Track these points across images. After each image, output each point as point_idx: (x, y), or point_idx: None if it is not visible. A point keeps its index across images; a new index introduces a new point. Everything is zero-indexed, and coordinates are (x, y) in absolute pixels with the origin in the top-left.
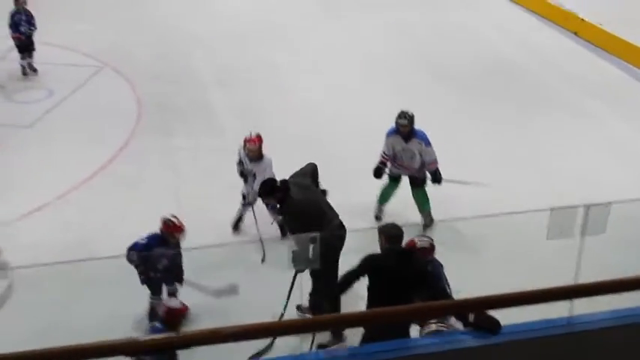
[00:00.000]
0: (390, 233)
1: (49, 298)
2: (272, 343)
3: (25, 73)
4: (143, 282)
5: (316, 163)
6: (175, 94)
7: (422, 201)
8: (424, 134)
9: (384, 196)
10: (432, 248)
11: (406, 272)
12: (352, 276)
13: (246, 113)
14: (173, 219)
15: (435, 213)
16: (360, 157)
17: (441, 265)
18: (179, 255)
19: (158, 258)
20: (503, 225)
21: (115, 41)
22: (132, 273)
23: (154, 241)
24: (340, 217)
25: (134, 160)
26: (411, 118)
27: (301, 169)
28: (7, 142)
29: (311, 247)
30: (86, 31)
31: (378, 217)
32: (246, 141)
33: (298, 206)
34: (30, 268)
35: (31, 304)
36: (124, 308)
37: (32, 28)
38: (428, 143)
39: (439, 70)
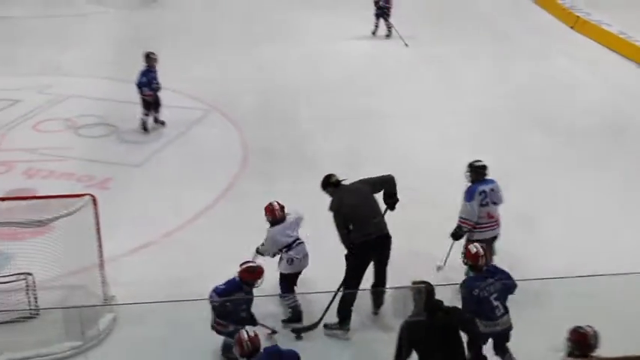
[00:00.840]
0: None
1: (151, 334)
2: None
3: (145, 129)
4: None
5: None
6: (279, 138)
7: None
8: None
9: None
10: None
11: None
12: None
13: (347, 160)
14: (253, 264)
15: None
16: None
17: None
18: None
19: (239, 305)
20: None
21: (222, 86)
22: None
23: (231, 287)
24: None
25: (238, 202)
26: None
27: (374, 178)
28: (117, 180)
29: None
30: (195, 76)
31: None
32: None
33: (335, 204)
34: (134, 304)
35: (133, 338)
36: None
37: (159, 84)
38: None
39: (546, 122)
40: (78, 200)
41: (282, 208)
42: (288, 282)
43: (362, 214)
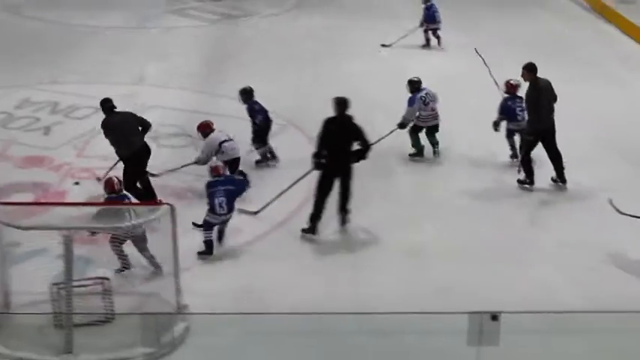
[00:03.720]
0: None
1: (222, 345)
2: None
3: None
4: None
5: None
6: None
7: None
8: None
9: None
10: None
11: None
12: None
13: (421, 178)
14: None
15: None
16: None
17: None
18: None
19: None
20: None
21: (299, 101)
22: (301, 333)
23: None
24: None
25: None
26: None
27: None
28: (193, 190)
29: None
30: (272, 91)
31: None
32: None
33: None
34: (207, 314)
35: (205, 347)
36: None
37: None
38: None
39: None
40: (157, 209)
41: None
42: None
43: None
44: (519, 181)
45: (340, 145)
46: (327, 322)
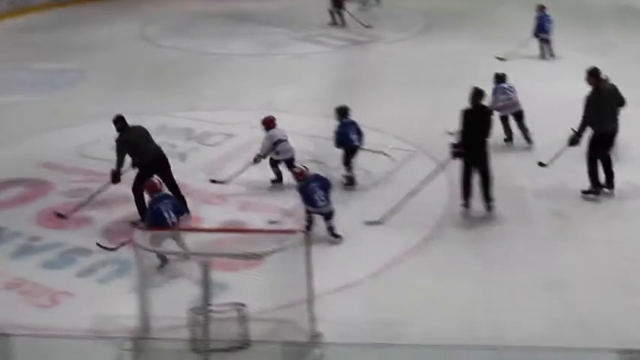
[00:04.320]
0: None
1: None
2: None
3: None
4: None
5: None
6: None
7: None
8: None
9: None
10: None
11: None
12: None
13: (555, 205)
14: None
15: None
16: None
17: None
18: None
19: None
20: None
21: (429, 127)
22: None
23: None
24: None
25: (445, 245)
26: None
27: None
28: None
29: None
30: (399, 116)
31: None
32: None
33: None
34: (340, 345)
35: None
36: None
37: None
38: None
39: None
40: (291, 236)
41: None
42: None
43: None
44: (585, 192)
45: (477, 134)
46: (463, 354)
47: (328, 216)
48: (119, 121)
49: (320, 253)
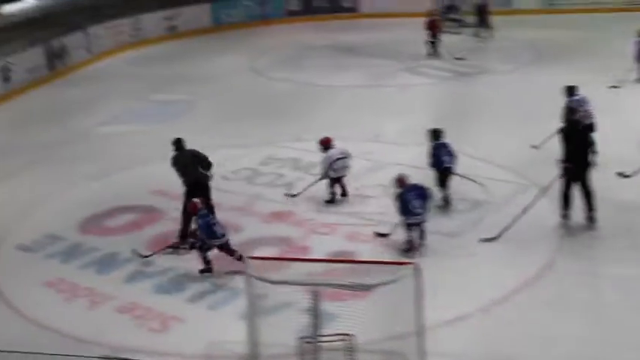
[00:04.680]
0: None
1: None
2: None
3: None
4: None
5: None
6: (601, 219)
7: None
8: None
9: None
10: None
11: None
12: None
13: None
14: None
15: None
16: None
17: None
18: None
19: None
20: None
21: (541, 160)
22: None
23: None
24: None
25: (559, 281)
26: None
27: None
28: (432, 248)
29: None
30: (508, 148)
31: None
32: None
33: None
34: None
35: None
36: None
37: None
38: None
39: None
40: (400, 267)
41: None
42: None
43: None
44: None
45: (577, 149)
46: None
47: (421, 228)
48: (175, 143)
49: (429, 284)
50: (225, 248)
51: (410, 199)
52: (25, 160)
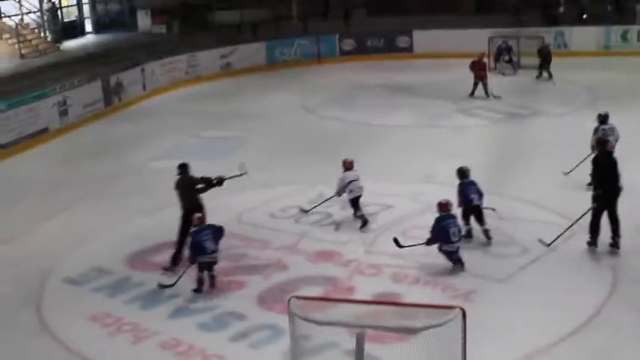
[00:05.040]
0: None
1: None
2: None
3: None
4: None
5: None
6: None
7: None
8: None
9: None
10: None
11: None
12: None
13: None
14: None
15: None
16: None
17: None
18: None
19: None
20: None
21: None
22: None
23: None
24: None
25: (607, 331)
26: None
27: None
28: (480, 293)
29: None
30: (561, 191)
31: None
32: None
33: None
34: None
35: None
36: None
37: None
38: None
39: None
40: (446, 312)
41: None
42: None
43: None
44: None
45: (608, 178)
46: None
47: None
48: (179, 167)
49: (475, 329)
50: (207, 268)
51: (450, 225)
52: (78, 193)
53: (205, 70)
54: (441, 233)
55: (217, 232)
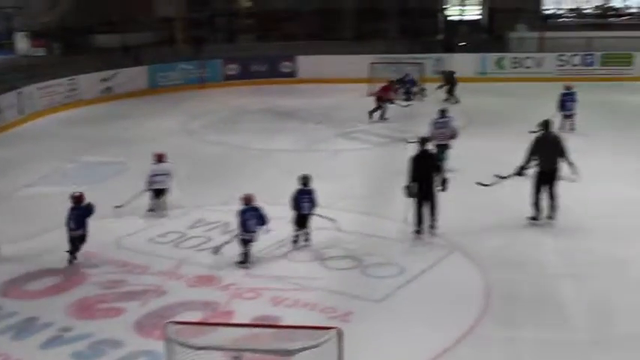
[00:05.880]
0: None
1: None
2: None
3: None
4: None
5: None
6: (522, 282)
7: None
8: None
9: None
10: None
11: None
12: None
13: (595, 308)
14: None
15: None
16: None
17: None
18: None
19: None
20: None
21: (466, 225)
22: None
23: None
24: None
25: (477, 349)
26: None
27: None
28: (357, 314)
29: None
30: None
31: None
32: None
33: None
34: None
35: None
36: None
37: None
38: None
39: None
40: (324, 333)
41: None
42: None
43: None
44: None
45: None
46: None
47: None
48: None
49: (351, 350)
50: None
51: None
52: None
53: (86, 94)
54: (240, 223)
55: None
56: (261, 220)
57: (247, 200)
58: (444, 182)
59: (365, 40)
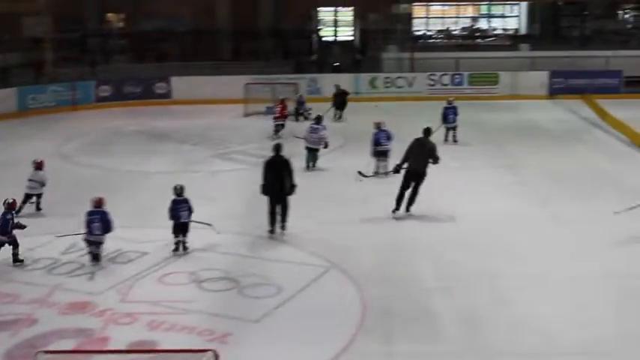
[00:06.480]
0: None
1: None
2: None
3: None
4: None
5: None
6: (398, 298)
7: None
8: None
9: None
10: None
11: None
12: None
13: (467, 321)
14: None
15: None
16: None
17: None
18: None
19: None
20: None
21: (343, 243)
22: None
23: None
24: None
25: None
26: None
27: None
28: (235, 335)
29: None
30: (313, 231)
31: None
32: None
33: None
34: None
35: None
36: None
37: None
38: None
39: None
40: (201, 355)
41: None
42: None
43: None
44: None
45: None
46: None
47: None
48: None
49: None
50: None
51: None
52: None
53: None
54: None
55: None
56: (106, 225)
57: (96, 203)
58: (292, 187)
59: (240, 60)
